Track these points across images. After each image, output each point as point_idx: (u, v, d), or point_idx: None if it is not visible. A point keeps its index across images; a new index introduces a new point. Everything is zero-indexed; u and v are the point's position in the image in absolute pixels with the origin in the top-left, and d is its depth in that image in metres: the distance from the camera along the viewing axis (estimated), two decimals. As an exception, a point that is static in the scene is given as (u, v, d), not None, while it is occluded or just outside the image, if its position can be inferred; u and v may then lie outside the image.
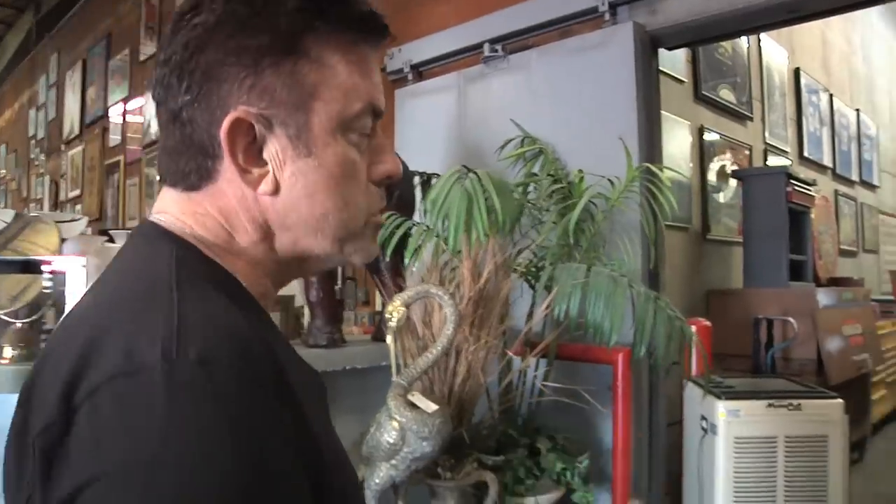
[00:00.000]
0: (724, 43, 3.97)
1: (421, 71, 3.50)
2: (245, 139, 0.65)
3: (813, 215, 5.08)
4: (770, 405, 2.13)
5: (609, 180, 2.36)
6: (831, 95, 5.64)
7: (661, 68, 3.32)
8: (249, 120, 0.64)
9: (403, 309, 1.55)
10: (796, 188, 3.47)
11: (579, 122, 2.64)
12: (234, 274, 0.68)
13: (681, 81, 3.55)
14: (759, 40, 4.47)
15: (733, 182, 3.86)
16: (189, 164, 0.67)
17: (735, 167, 3.96)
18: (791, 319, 3.01)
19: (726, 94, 3.93)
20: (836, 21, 5.90)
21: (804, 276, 3.76)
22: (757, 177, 3.53)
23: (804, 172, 4.95)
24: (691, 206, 3.52)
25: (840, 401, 2.17)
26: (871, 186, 6.51)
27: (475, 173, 1.94)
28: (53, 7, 8.23)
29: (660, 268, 2.63)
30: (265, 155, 0.66)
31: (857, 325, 3.75)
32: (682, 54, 3.55)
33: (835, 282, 5.13)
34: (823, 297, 3.45)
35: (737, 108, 4.03)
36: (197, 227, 0.68)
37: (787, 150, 4.76)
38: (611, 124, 2.55)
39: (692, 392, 2.42)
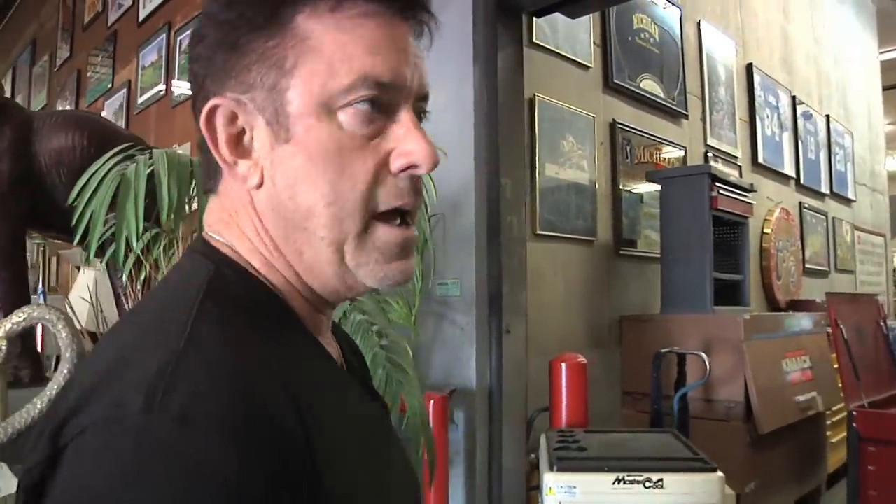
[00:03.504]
0: (648, 28, 3.42)
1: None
2: (230, 129, 0.61)
3: (769, 229, 4.53)
4: (619, 480, 1.54)
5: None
6: (794, 97, 5.07)
7: (555, 48, 2.77)
8: (227, 106, 0.60)
9: (4, 343, 1.02)
10: (724, 193, 2.88)
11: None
12: (279, 292, 0.62)
13: (585, 67, 2.98)
14: (700, 28, 3.92)
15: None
16: (205, 161, 0.65)
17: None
18: (702, 354, 2.41)
19: (651, 87, 3.36)
20: (801, 17, 5.36)
21: (740, 300, 3.16)
22: (674, 179, 2.93)
23: (756, 180, 4.38)
24: (596, 215, 2.93)
25: (719, 475, 1.57)
26: (844, 200, 5.92)
27: (151, 153, 1.36)
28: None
29: (506, 287, 2.05)
30: (255, 145, 0.61)
31: (806, 358, 3.14)
32: (586, 36, 2.99)
33: (795, 305, 4.53)
34: (758, 324, 2.84)
35: (665, 104, 3.46)
36: (231, 237, 0.63)
37: (737, 154, 4.18)
38: (450, 103, 1.99)
39: (543, 452, 1.83)
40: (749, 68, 4.47)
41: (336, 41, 0.59)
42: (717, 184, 2.86)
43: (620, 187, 3.10)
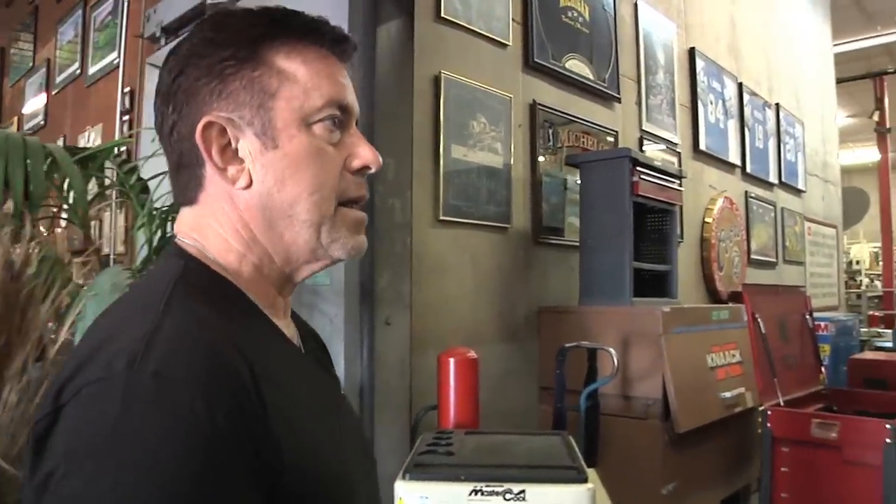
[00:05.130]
0: (577, 6, 3.25)
1: (179, 32, 2.77)
2: (220, 141, 0.77)
3: (710, 219, 4.40)
4: (476, 491, 1.38)
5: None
6: (741, 84, 4.95)
7: (466, 24, 2.60)
8: (219, 122, 0.76)
9: None
10: (646, 178, 2.73)
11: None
12: (240, 286, 0.78)
13: (502, 45, 2.81)
14: (637, 9, 3.76)
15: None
16: (185, 177, 0.80)
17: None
18: (610, 349, 2.26)
19: (578, 68, 3.20)
20: (750, 4, 5.23)
21: (668, 292, 3.02)
22: (594, 164, 2.77)
23: (698, 168, 4.25)
24: (511, 201, 2.77)
25: (587, 487, 1.40)
26: (794, 190, 5.82)
27: None
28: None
29: (387, 276, 1.87)
30: (240, 154, 0.77)
31: (735, 352, 3.00)
32: (504, 12, 2.81)
33: (737, 297, 4.41)
34: (680, 316, 2.69)
35: (595, 86, 3.30)
36: (203, 240, 0.78)
37: (676, 140, 4.04)
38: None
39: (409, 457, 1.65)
40: (692, 52, 4.33)
41: (307, 74, 0.79)
42: (639, 168, 2.71)
43: (540, 172, 2.93)
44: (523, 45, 2.93)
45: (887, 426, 1.97)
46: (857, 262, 13.45)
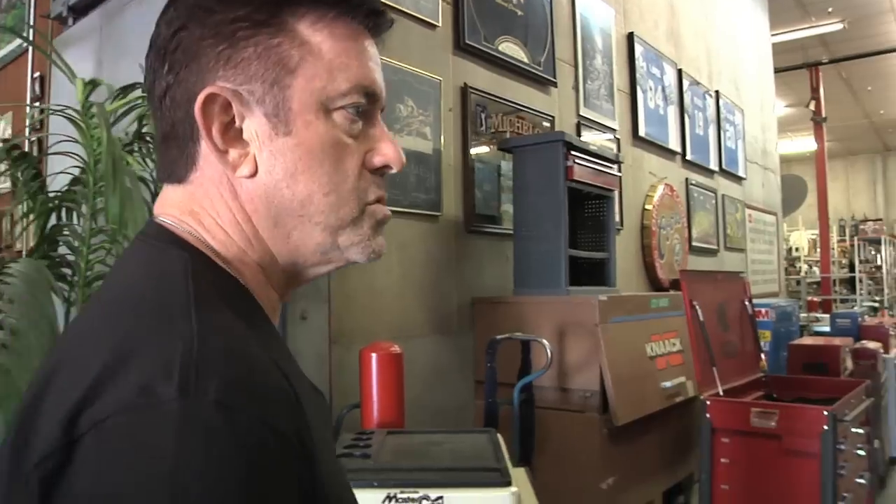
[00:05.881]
0: (510, -14, 3.14)
1: (89, 12, 2.59)
2: (222, 117, 0.63)
3: (651, 206, 4.36)
4: (391, 498, 1.25)
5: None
6: (681, 71, 4.92)
7: (393, 4, 2.47)
8: (224, 95, 0.63)
9: None
10: (581, 163, 2.63)
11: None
12: (245, 284, 0.66)
13: (431, 26, 2.68)
14: (573, -7, 3.68)
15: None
16: (175, 151, 0.66)
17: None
18: (543, 340, 2.16)
19: (512, 50, 3.09)
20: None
21: (606, 280, 2.93)
22: (526, 148, 2.67)
23: (637, 154, 4.20)
24: (441, 188, 2.64)
25: (512, 491, 1.29)
26: (735, 177, 5.84)
27: None
28: None
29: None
30: (245, 135, 0.64)
31: (675, 340, 2.94)
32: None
33: (677, 285, 4.38)
34: (618, 305, 2.61)
35: (530, 69, 3.20)
36: (200, 228, 0.65)
37: (615, 126, 3.97)
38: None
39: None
40: (630, 38, 4.28)
41: (334, 50, 0.66)
42: (574, 153, 2.61)
43: (472, 158, 2.82)
44: (454, 27, 2.80)
45: (825, 413, 1.91)
46: (797, 250, 13.78)
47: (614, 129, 3.95)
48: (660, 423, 2.76)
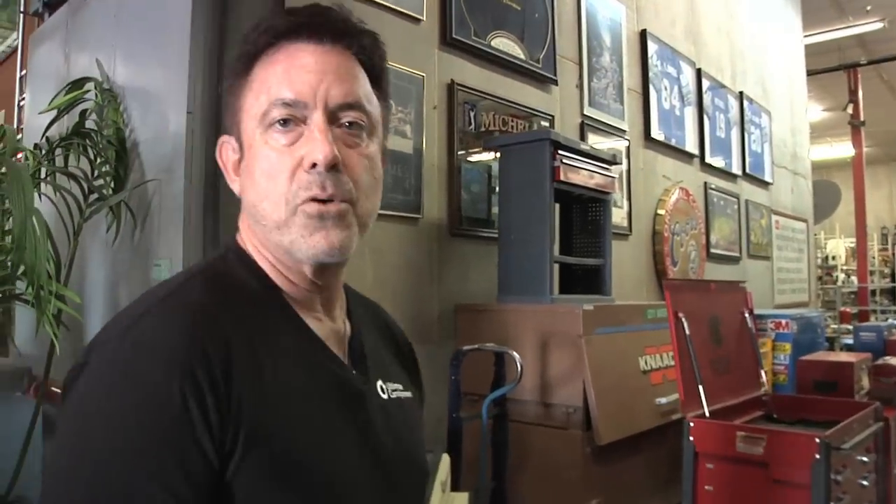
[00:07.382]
0: (507, -21, 3.00)
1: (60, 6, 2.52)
2: (233, 156, 0.85)
3: (663, 210, 4.16)
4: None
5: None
6: (700, 70, 4.72)
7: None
8: (228, 142, 0.85)
9: None
10: (569, 163, 2.48)
11: (145, 58, 1.66)
12: (269, 275, 0.83)
13: (414, 20, 2.55)
14: (579, -13, 3.52)
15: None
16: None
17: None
18: (513, 353, 2.01)
19: (506, 46, 2.95)
20: (711, -13, 5.00)
21: (601, 288, 2.78)
22: (512, 147, 2.52)
23: (650, 157, 4.02)
24: (422, 189, 2.51)
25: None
26: (761, 182, 5.60)
27: None
28: None
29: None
30: (238, 167, 0.85)
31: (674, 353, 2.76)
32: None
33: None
34: (605, 315, 2.44)
35: (526, 66, 3.05)
36: (245, 233, 0.86)
37: (624, 127, 3.80)
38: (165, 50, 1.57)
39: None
40: (643, 35, 4.10)
41: (261, 76, 0.80)
42: (562, 152, 2.46)
43: (459, 158, 2.68)
44: (440, 21, 2.67)
45: (816, 440, 1.73)
46: (834, 258, 13.30)
47: (623, 130, 3.78)
48: (653, 442, 2.58)
